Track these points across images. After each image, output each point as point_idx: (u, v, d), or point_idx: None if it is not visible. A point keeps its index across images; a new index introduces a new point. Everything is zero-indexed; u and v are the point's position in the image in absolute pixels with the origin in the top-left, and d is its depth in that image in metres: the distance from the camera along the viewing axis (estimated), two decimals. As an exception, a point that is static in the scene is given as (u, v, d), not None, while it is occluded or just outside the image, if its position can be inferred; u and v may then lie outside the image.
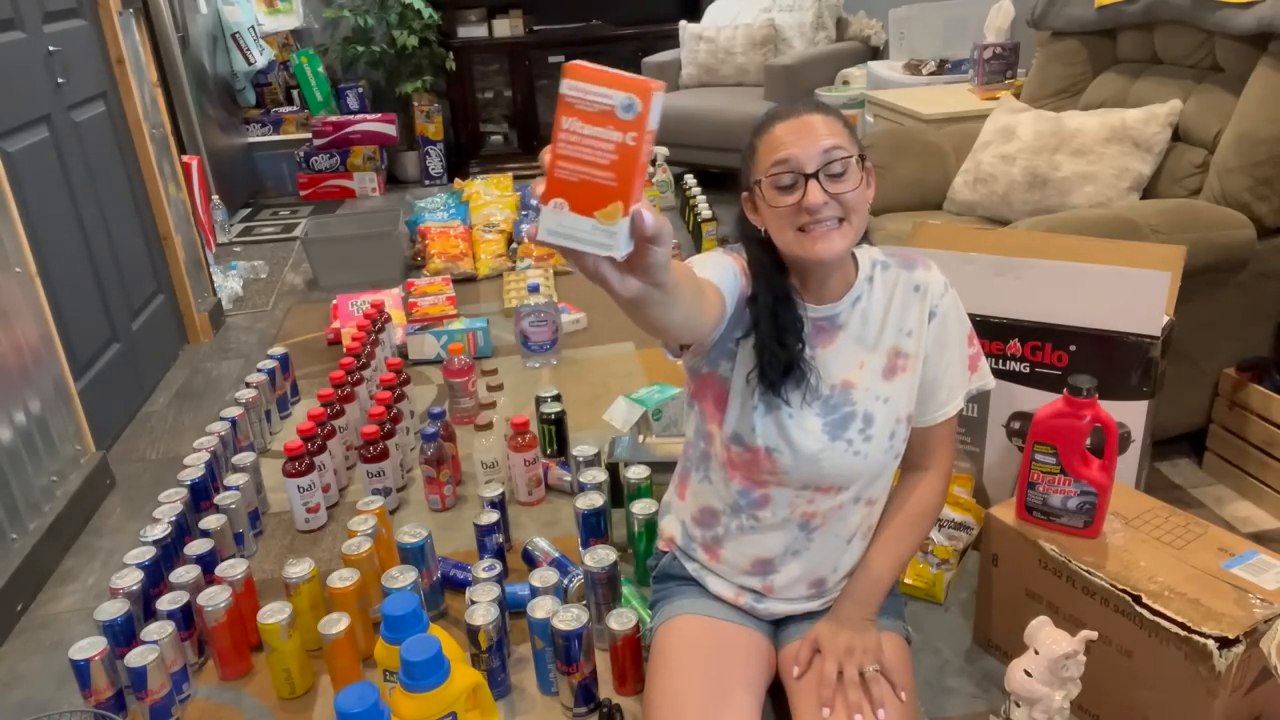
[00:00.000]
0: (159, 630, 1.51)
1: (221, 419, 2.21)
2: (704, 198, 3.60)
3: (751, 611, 1.34)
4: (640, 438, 2.01)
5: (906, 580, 1.66)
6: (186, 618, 1.58)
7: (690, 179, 3.78)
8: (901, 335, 1.25)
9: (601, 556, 1.53)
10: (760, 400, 1.22)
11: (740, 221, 1.25)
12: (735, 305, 1.19)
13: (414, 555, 1.63)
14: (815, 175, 1.11)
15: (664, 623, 1.35)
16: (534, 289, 2.68)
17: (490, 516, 1.75)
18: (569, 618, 1.41)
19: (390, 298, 3.09)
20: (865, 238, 1.27)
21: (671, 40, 4.66)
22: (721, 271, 1.15)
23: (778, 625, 1.37)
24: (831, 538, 1.29)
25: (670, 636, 1.32)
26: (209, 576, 1.65)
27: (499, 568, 1.62)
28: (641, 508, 1.70)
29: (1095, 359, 1.59)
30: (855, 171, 1.13)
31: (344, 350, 2.51)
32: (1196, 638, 1.19)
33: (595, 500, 1.71)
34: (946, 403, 1.29)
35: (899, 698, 1.20)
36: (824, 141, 1.11)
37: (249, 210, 4.63)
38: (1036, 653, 1.23)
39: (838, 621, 1.27)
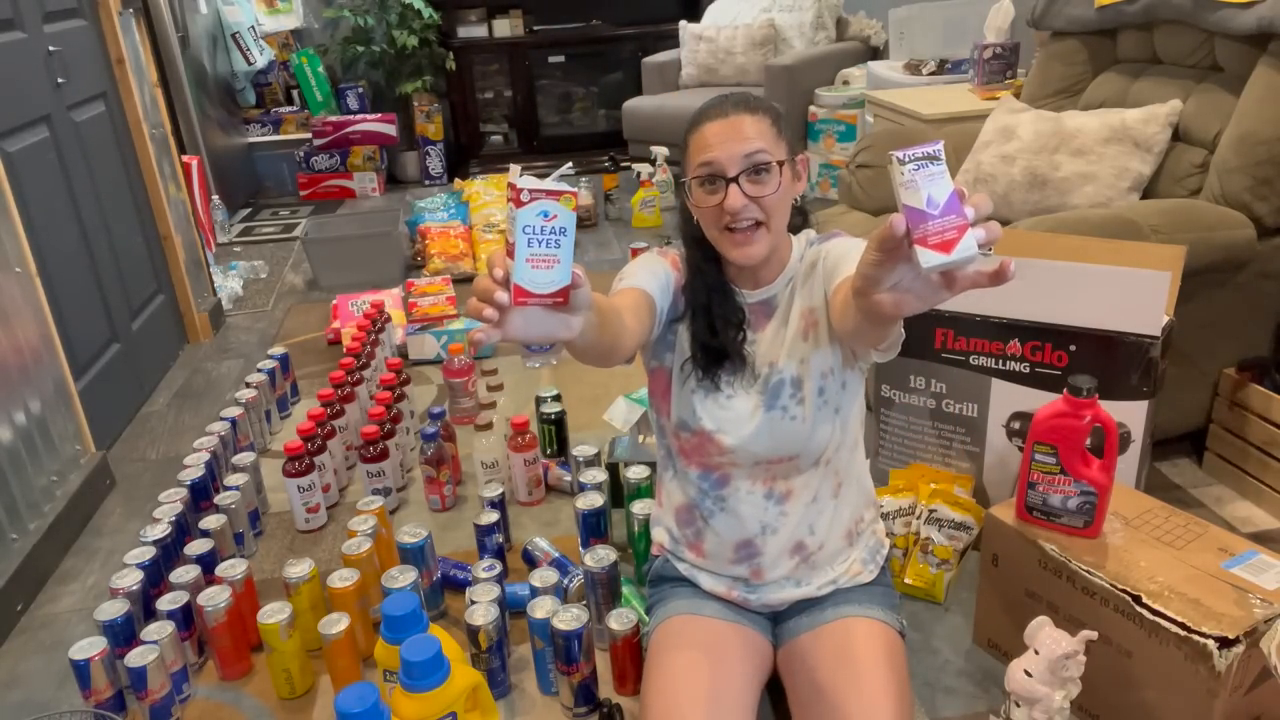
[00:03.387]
0: (159, 630, 1.51)
1: (221, 419, 2.21)
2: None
3: (745, 605, 1.35)
4: (640, 438, 2.01)
5: (906, 580, 1.66)
6: (186, 618, 1.58)
7: (690, 179, 3.77)
8: (812, 297, 1.27)
9: (601, 556, 1.53)
10: (698, 385, 1.28)
11: (681, 210, 1.30)
12: (670, 299, 1.26)
13: (414, 555, 1.63)
14: (736, 179, 1.15)
15: (660, 623, 1.35)
16: (534, 289, 2.67)
17: (490, 516, 1.75)
18: (569, 618, 1.41)
19: (390, 298, 3.09)
20: (803, 222, 1.32)
21: (671, 40, 4.66)
22: (649, 273, 1.23)
23: (775, 620, 1.38)
24: (802, 505, 1.31)
25: (665, 636, 1.32)
26: (209, 576, 1.65)
27: (499, 568, 1.62)
28: (641, 508, 1.70)
29: (1095, 359, 1.59)
30: (776, 175, 1.17)
31: (344, 350, 2.51)
32: (1196, 638, 1.19)
33: (595, 500, 1.71)
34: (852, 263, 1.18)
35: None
36: (748, 145, 1.15)
37: (249, 210, 4.63)
38: (1036, 653, 1.23)
39: None
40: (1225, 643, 1.17)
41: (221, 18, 4.47)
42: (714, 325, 1.26)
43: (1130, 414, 1.60)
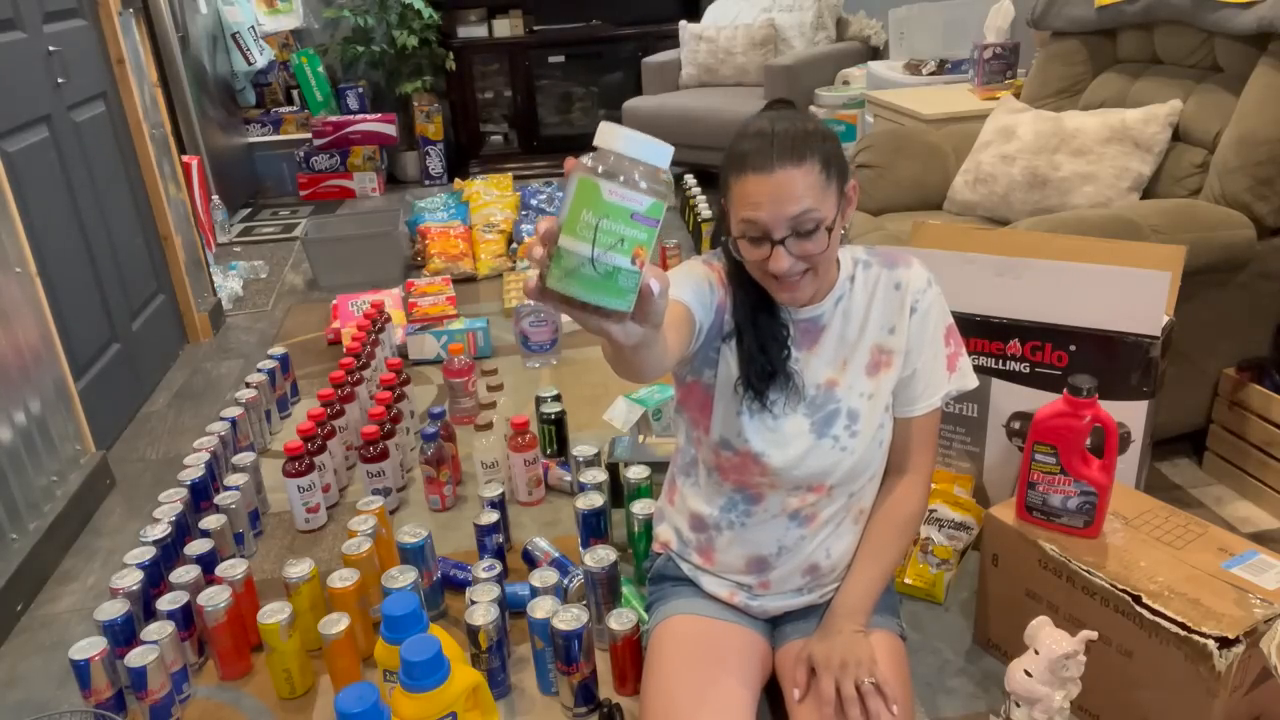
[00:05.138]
0: (159, 630, 1.51)
1: (221, 419, 2.21)
2: (704, 198, 3.60)
3: (746, 610, 1.35)
4: (640, 438, 2.01)
5: (906, 580, 1.66)
6: (186, 618, 1.58)
7: (690, 179, 3.78)
8: (884, 333, 1.26)
9: (601, 556, 1.53)
10: (745, 406, 1.24)
11: (720, 233, 1.25)
12: (713, 316, 1.21)
13: (414, 555, 1.63)
14: (783, 240, 1.11)
15: (659, 623, 1.35)
16: (534, 289, 2.67)
17: (490, 516, 1.75)
18: (569, 618, 1.41)
19: (390, 298, 3.09)
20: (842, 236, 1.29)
21: (671, 40, 4.66)
22: (694, 288, 1.17)
23: (774, 624, 1.37)
24: (822, 527, 1.30)
25: (665, 636, 1.32)
26: (209, 576, 1.65)
27: (499, 568, 1.62)
28: (641, 508, 1.70)
29: (1095, 359, 1.59)
30: (824, 234, 1.13)
31: (344, 350, 2.51)
32: (1196, 638, 1.19)
33: (595, 500, 1.71)
34: (921, 398, 1.29)
35: (891, 711, 1.18)
36: (796, 206, 1.10)
37: (249, 210, 4.63)
38: (1036, 653, 1.23)
39: (829, 636, 1.26)
40: (1225, 643, 1.17)
41: (221, 18, 4.46)
42: (762, 343, 1.22)
43: (1130, 414, 1.60)
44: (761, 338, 1.22)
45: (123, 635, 1.52)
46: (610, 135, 0.67)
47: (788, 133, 1.11)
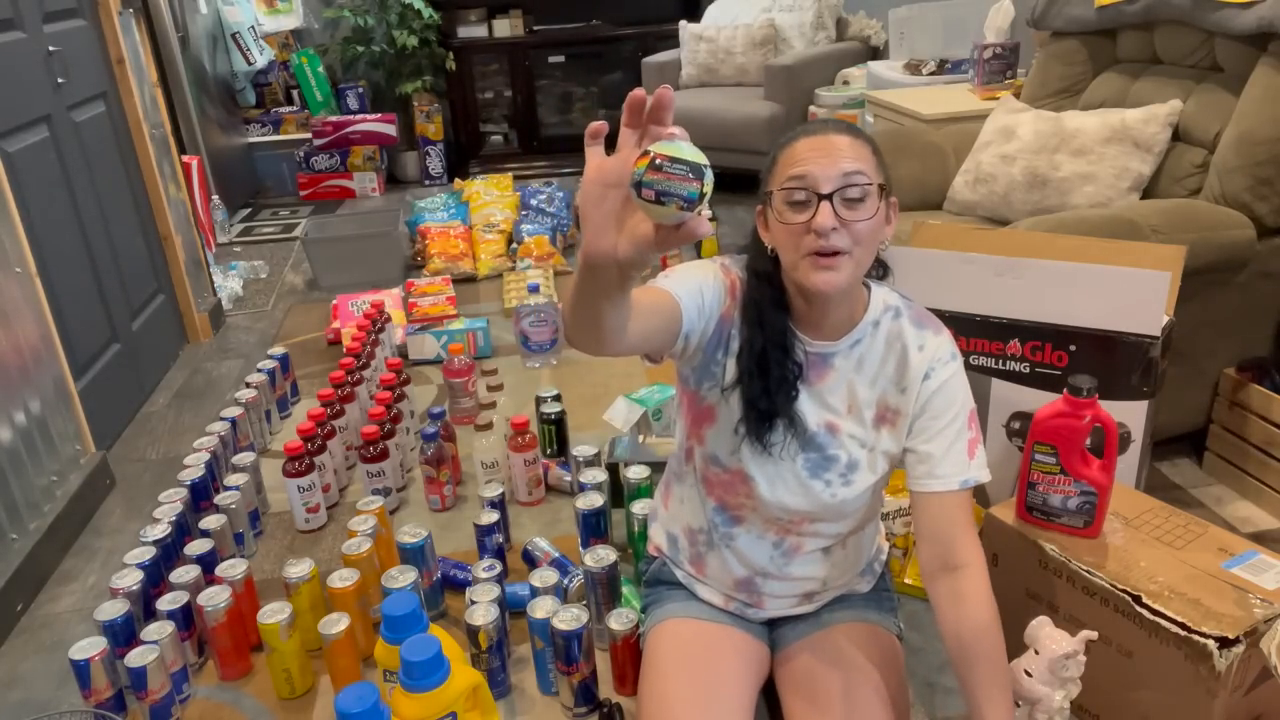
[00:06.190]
0: (159, 630, 1.51)
1: (221, 419, 2.21)
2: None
3: (742, 615, 1.35)
4: (640, 438, 2.01)
5: (906, 580, 1.66)
6: (186, 618, 1.58)
7: (690, 179, 3.77)
8: (895, 390, 1.20)
9: (601, 556, 1.53)
10: (744, 441, 1.21)
11: (751, 239, 1.20)
12: (709, 326, 1.16)
13: (414, 555, 1.63)
14: (830, 196, 1.06)
15: (655, 625, 1.35)
16: (534, 289, 2.68)
17: (490, 516, 1.76)
18: (569, 618, 1.41)
19: (390, 298, 3.09)
20: (883, 273, 1.24)
21: (671, 40, 4.66)
22: (694, 288, 1.13)
23: (771, 626, 1.37)
24: (809, 555, 1.28)
25: (661, 639, 1.32)
26: (209, 576, 1.65)
27: (499, 568, 1.62)
28: (641, 508, 1.70)
29: (1095, 359, 1.59)
30: (874, 200, 1.08)
31: (344, 350, 2.51)
32: (1196, 638, 1.19)
33: (595, 500, 1.71)
34: (943, 473, 1.17)
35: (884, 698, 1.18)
36: (845, 164, 1.07)
37: (249, 210, 4.63)
38: (1036, 653, 1.23)
39: None
40: (1225, 643, 1.17)
41: (221, 18, 4.47)
42: (768, 387, 1.16)
43: (1130, 414, 1.60)
44: (769, 380, 1.16)
45: (123, 635, 1.52)
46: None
47: (839, 120, 1.15)
